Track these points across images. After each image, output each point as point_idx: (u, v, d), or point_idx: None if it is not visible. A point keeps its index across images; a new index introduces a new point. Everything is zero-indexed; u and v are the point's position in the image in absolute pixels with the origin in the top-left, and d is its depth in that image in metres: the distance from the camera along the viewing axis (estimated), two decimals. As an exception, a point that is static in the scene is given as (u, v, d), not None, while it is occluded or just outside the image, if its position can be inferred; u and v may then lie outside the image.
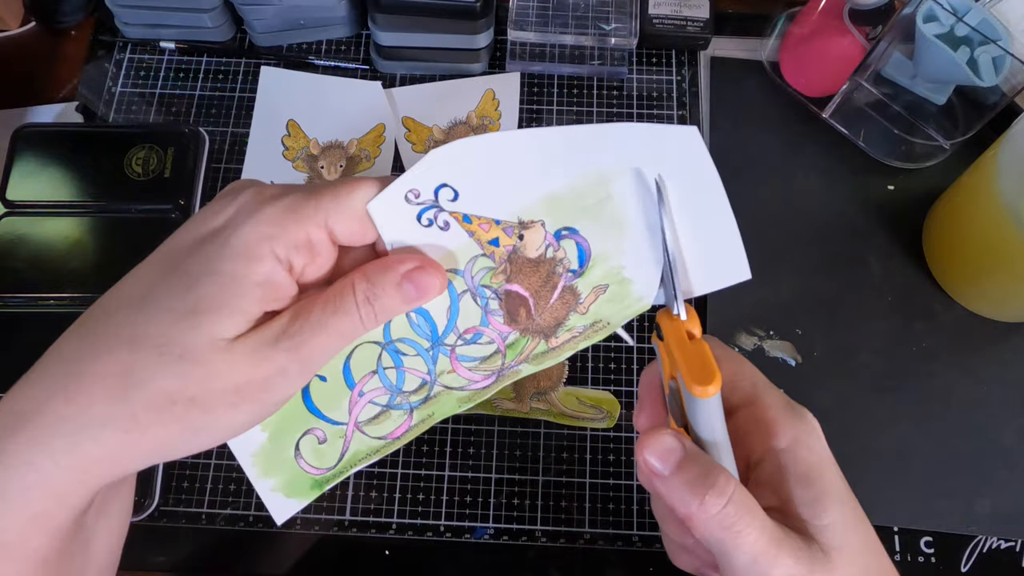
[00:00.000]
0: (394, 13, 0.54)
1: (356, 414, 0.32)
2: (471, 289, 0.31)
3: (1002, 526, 0.45)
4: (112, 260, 0.48)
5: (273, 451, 0.31)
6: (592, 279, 0.31)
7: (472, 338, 0.31)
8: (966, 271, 0.49)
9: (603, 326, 0.32)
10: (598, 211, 0.31)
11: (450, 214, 0.30)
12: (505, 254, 0.31)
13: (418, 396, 0.32)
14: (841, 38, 0.51)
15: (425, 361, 0.31)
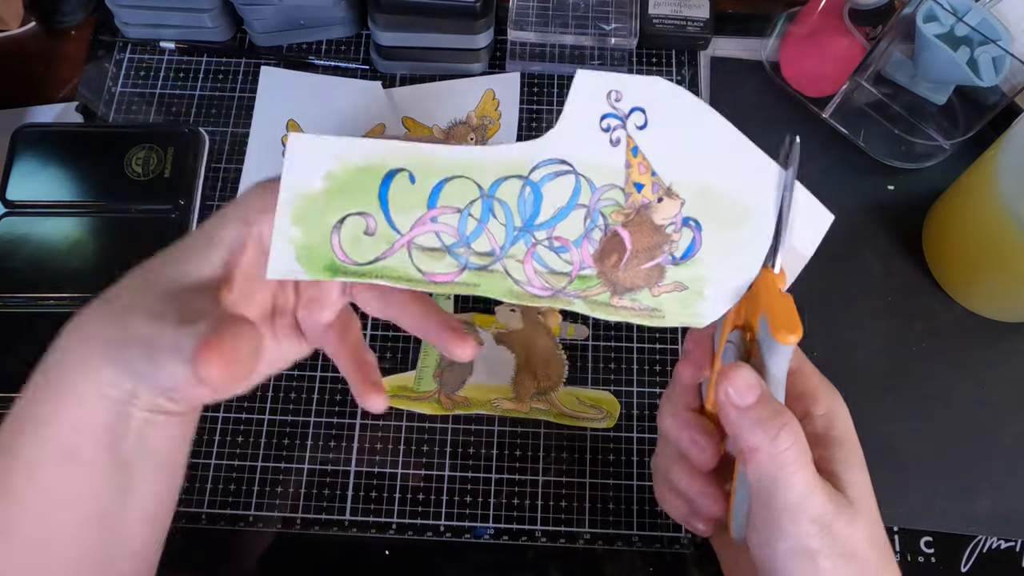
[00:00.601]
0: (394, 13, 0.54)
1: (416, 232, 0.30)
2: (590, 207, 0.31)
3: (1002, 526, 0.45)
4: (112, 260, 0.48)
5: (319, 206, 0.30)
6: (681, 274, 0.32)
7: (558, 248, 0.31)
8: (966, 271, 0.49)
9: (660, 316, 0.32)
10: (728, 225, 0.32)
11: (628, 136, 0.31)
12: (638, 203, 0.32)
13: (479, 260, 0.31)
14: (841, 38, 0.51)
15: (507, 235, 0.31)
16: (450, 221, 0.31)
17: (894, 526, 0.45)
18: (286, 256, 0.29)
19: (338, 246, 0.30)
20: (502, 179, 0.31)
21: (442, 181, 0.30)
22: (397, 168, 0.30)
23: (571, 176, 0.31)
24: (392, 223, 0.30)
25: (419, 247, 0.30)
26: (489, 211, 0.31)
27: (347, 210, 0.30)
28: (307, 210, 0.30)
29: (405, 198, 0.30)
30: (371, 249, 0.30)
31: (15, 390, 0.46)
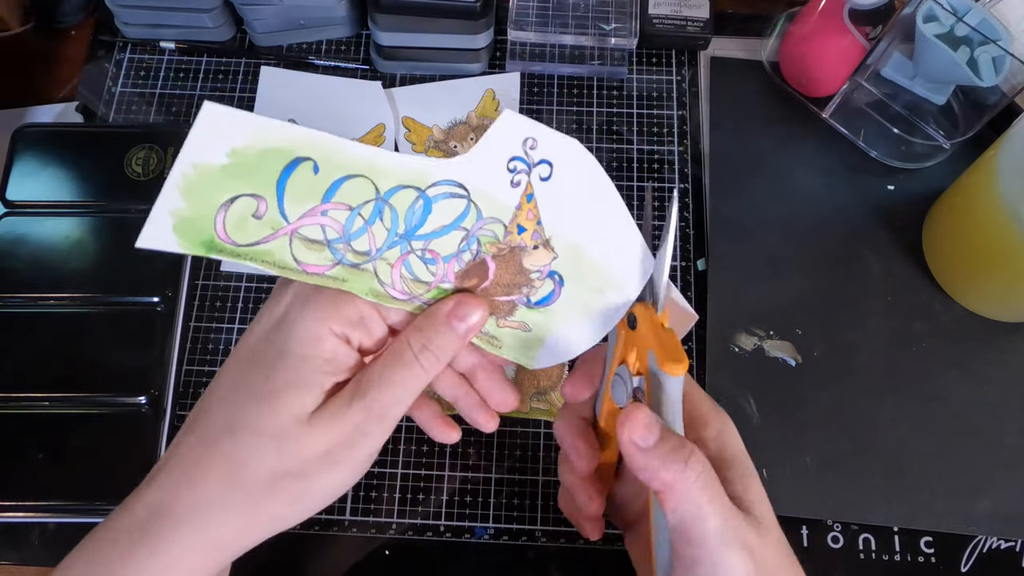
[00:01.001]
0: (394, 13, 0.54)
1: (303, 223, 0.30)
2: (470, 231, 0.33)
3: (1002, 526, 0.45)
4: (112, 260, 0.48)
5: (214, 181, 0.29)
6: (530, 317, 0.35)
7: (428, 259, 0.33)
8: (966, 271, 0.49)
9: (497, 345, 0.35)
10: (588, 290, 0.34)
11: (529, 183, 0.33)
12: (515, 243, 0.33)
13: (354, 258, 0.31)
14: (841, 38, 0.51)
15: (387, 239, 0.32)
16: (339, 217, 0.31)
17: (894, 526, 0.46)
18: (162, 226, 0.29)
19: (221, 224, 0.29)
20: (400, 187, 0.31)
21: (344, 177, 0.30)
22: (305, 157, 0.30)
23: (464, 201, 0.32)
24: (283, 210, 0.30)
25: (302, 237, 0.31)
26: (378, 214, 0.31)
27: (242, 190, 0.29)
28: (201, 183, 0.29)
29: (303, 187, 0.30)
30: (254, 232, 0.30)
31: (15, 390, 0.46)
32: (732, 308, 0.50)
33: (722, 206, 0.53)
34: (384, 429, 0.31)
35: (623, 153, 0.55)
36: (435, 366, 0.32)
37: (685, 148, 0.55)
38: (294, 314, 0.31)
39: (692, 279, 0.51)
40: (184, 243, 0.29)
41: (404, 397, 0.31)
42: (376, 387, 0.31)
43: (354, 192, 0.31)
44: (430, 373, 0.32)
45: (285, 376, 0.30)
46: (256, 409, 0.30)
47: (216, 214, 0.29)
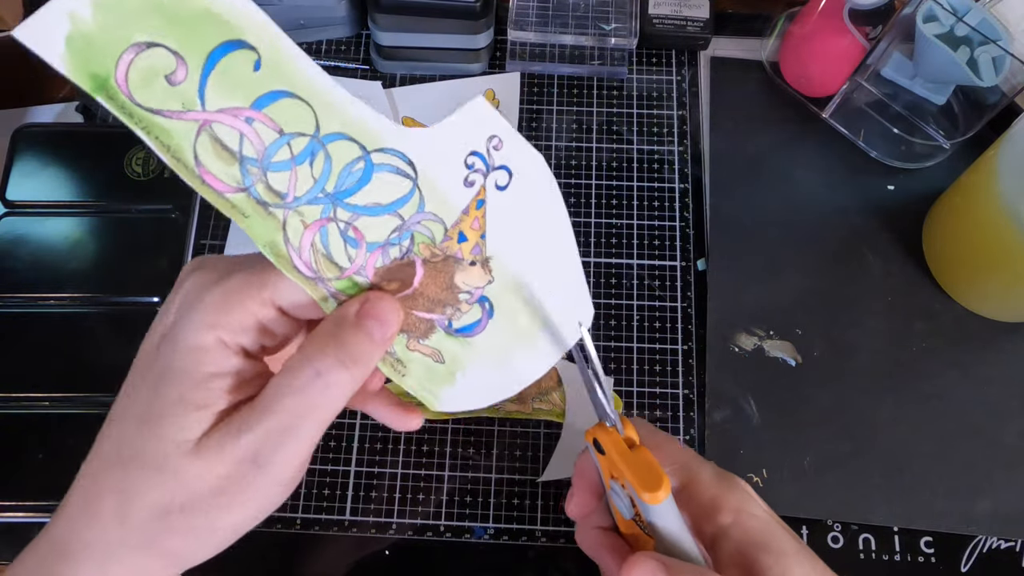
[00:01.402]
0: (394, 13, 0.54)
1: (222, 119, 0.25)
2: (406, 222, 0.28)
3: (1002, 526, 0.45)
4: (112, 260, 0.48)
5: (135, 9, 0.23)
6: (446, 345, 0.30)
7: (350, 238, 0.28)
8: (966, 271, 0.49)
9: (402, 371, 0.30)
10: (516, 332, 0.31)
11: (483, 187, 0.29)
12: (451, 252, 0.29)
13: (265, 194, 0.26)
14: (841, 38, 0.51)
15: (310, 191, 0.27)
16: (264, 135, 0.26)
17: (894, 526, 0.46)
18: (53, 27, 0.23)
19: (125, 68, 0.24)
20: (344, 136, 0.27)
21: (285, 92, 0.25)
22: (251, 44, 0.25)
23: (409, 183, 0.28)
24: (202, 90, 0.25)
25: (213, 136, 0.25)
26: (310, 155, 0.26)
27: (164, 40, 0.24)
28: (120, 3, 0.23)
29: (235, 78, 0.25)
30: (160, 98, 0.24)
31: (15, 390, 0.46)
32: (732, 308, 0.50)
33: (722, 206, 0.53)
34: (288, 461, 0.26)
35: (623, 153, 0.55)
36: (345, 382, 0.26)
37: (685, 148, 0.55)
38: (181, 321, 0.27)
39: (692, 279, 0.51)
40: (72, 63, 0.23)
41: (306, 426, 0.26)
42: (268, 415, 0.26)
43: (290, 115, 0.26)
44: (341, 391, 0.26)
45: (169, 397, 0.26)
46: (142, 435, 0.26)
47: (124, 51, 0.23)
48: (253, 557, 0.45)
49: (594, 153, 0.55)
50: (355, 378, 0.26)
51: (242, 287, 0.27)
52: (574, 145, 0.55)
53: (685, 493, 0.31)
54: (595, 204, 0.53)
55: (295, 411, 0.26)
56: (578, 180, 0.54)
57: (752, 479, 0.46)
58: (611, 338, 0.50)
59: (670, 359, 0.49)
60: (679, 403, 0.48)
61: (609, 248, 0.52)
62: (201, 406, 0.26)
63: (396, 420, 0.32)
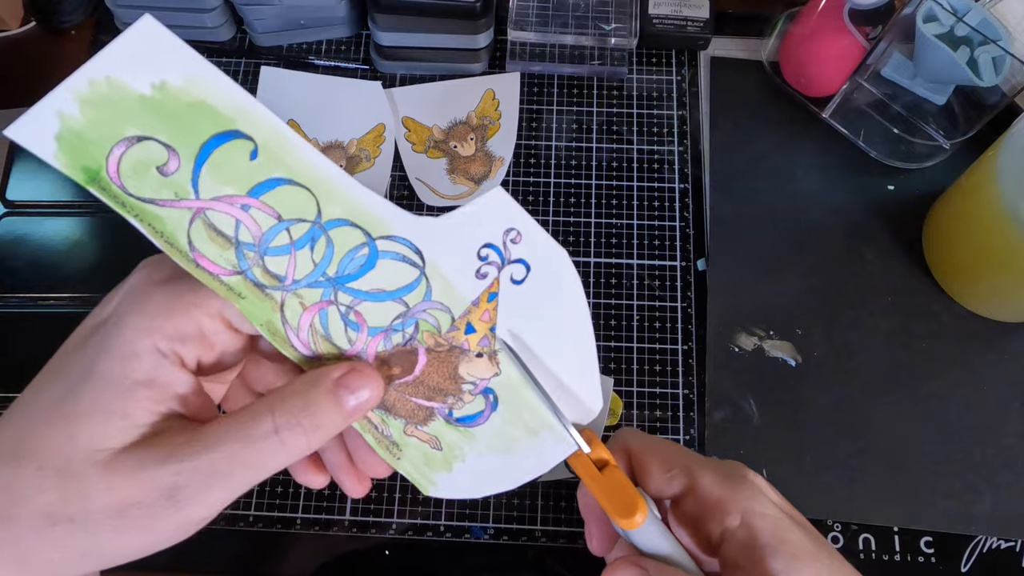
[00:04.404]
0: (394, 13, 0.54)
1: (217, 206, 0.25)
2: (411, 310, 0.28)
3: (1002, 526, 0.45)
4: (112, 260, 0.48)
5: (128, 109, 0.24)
6: (445, 433, 0.29)
7: (351, 321, 0.27)
8: (966, 271, 0.49)
9: (397, 454, 0.29)
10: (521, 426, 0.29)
11: (496, 280, 0.28)
12: (456, 343, 0.28)
13: (263, 277, 0.26)
14: (841, 38, 0.51)
15: (311, 275, 0.26)
16: (262, 222, 0.25)
17: (894, 526, 0.45)
18: (43, 126, 0.23)
19: (116, 160, 0.24)
20: (346, 222, 0.26)
21: (285, 180, 0.25)
22: (246, 134, 0.24)
23: (415, 272, 0.27)
24: (196, 180, 0.24)
25: (207, 222, 0.25)
26: (310, 241, 0.26)
27: (155, 135, 0.24)
28: (109, 102, 0.23)
29: (231, 168, 0.25)
30: (152, 188, 0.24)
31: (15, 390, 0.46)
32: (732, 308, 0.50)
33: (722, 206, 0.53)
34: (208, 506, 0.24)
35: (623, 153, 0.55)
36: (301, 447, 0.25)
37: (685, 148, 0.55)
38: (117, 318, 0.25)
39: (692, 279, 0.51)
40: (63, 159, 0.24)
41: (242, 477, 0.24)
42: (206, 453, 0.23)
43: (290, 202, 0.25)
44: (292, 454, 0.24)
45: (88, 399, 0.24)
46: (47, 434, 0.23)
47: (114, 145, 0.24)
48: (253, 557, 0.45)
49: (594, 153, 0.55)
50: (311, 444, 0.25)
51: (190, 292, 0.25)
52: (574, 145, 0.55)
53: (690, 497, 0.30)
54: (595, 204, 0.53)
55: (238, 458, 0.24)
56: (578, 180, 0.54)
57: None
58: (611, 338, 0.50)
59: (670, 359, 0.49)
60: (679, 403, 0.48)
61: (609, 248, 0.52)
62: (124, 415, 0.24)
63: (303, 474, 0.30)
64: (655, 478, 0.30)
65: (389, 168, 0.54)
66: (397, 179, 0.54)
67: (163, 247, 0.25)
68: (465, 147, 0.55)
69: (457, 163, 0.54)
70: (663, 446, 0.32)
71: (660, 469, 0.30)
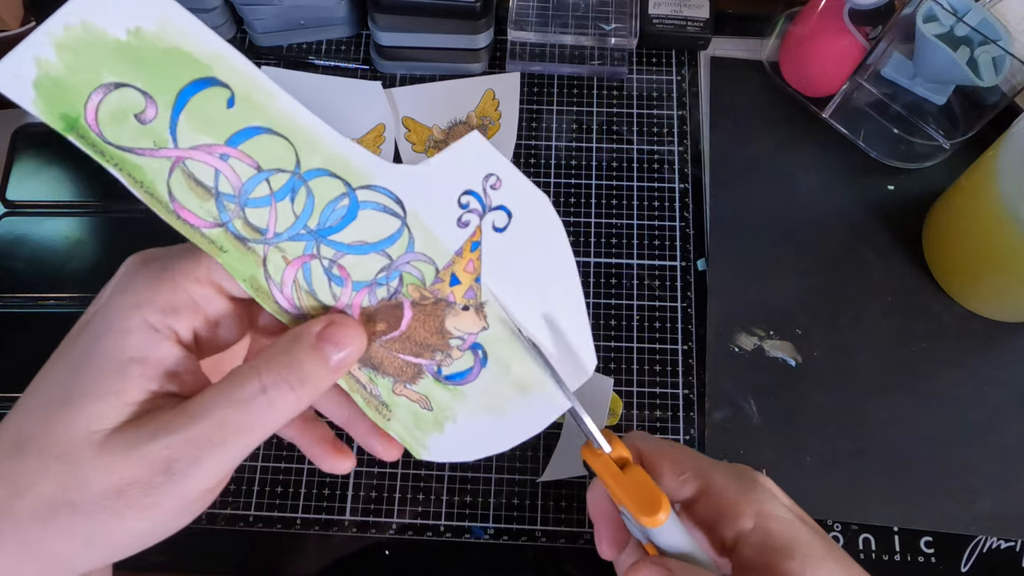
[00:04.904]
0: (394, 13, 0.54)
1: (195, 155, 0.25)
2: (394, 262, 0.27)
3: (1002, 526, 0.45)
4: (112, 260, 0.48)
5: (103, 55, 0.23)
6: (435, 392, 0.28)
7: (335, 275, 0.27)
8: (966, 271, 0.49)
9: (386, 415, 0.28)
10: (510, 383, 0.29)
11: (479, 228, 0.27)
12: (443, 295, 0.28)
13: (244, 229, 0.25)
14: (841, 38, 0.51)
15: (292, 227, 0.26)
16: (241, 172, 0.25)
17: (894, 526, 0.46)
18: (21, 73, 0.23)
19: (94, 108, 0.24)
20: (327, 172, 0.26)
21: (262, 129, 0.25)
22: (222, 81, 0.24)
23: (397, 222, 0.27)
24: (174, 128, 0.24)
25: (186, 172, 0.25)
26: (290, 192, 0.26)
27: (131, 80, 0.24)
28: (84, 47, 0.23)
29: (208, 116, 0.24)
30: (131, 136, 0.24)
31: (15, 390, 0.46)
32: (732, 308, 0.50)
33: (722, 206, 0.53)
34: (205, 476, 0.23)
35: (623, 153, 0.55)
36: (290, 404, 0.24)
37: (685, 148, 0.55)
38: (107, 301, 0.25)
39: (692, 279, 0.51)
40: (42, 105, 0.23)
41: (236, 442, 0.24)
42: (196, 422, 0.23)
43: (269, 152, 0.25)
44: (282, 412, 0.24)
45: (83, 381, 0.23)
46: (48, 421, 0.23)
47: (91, 92, 0.23)
48: (253, 557, 0.45)
49: (594, 153, 0.55)
50: (300, 401, 0.24)
51: (175, 263, 0.25)
52: (574, 145, 0.55)
53: (702, 500, 0.30)
54: (595, 204, 0.53)
55: (229, 424, 0.23)
56: (578, 180, 0.54)
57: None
58: (611, 338, 0.50)
59: (670, 359, 0.49)
60: (679, 403, 0.48)
61: (609, 248, 0.52)
62: (117, 394, 0.23)
63: (327, 460, 0.29)
64: (668, 481, 0.30)
65: (389, 168, 0.54)
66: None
67: (143, 198, 0.25)
68: (465, 147, 0.55)
69: (457, 163, 0.54)
70: (674, 449, 0.32)
71: (672, 472, 0.30)
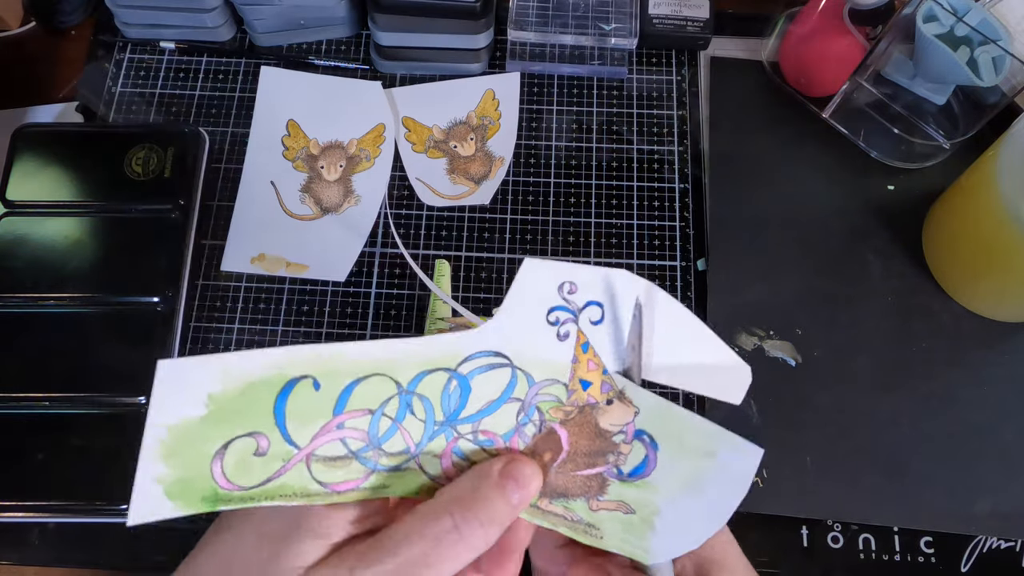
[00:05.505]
0: (394, 13, 0.54)
1: (318, 444, 0.26)
2: (526, 401, 0.28)
3: (1002, 526, 0.45)
4: (112, 260, 0.48)
5: (198, 435, 0.25)
6: (628, 494, 0.28)
7: (483, 440, 0.28)
8: (966, 271, 0.49)
9: (595, 535, 0.28)
10: (690, 454, 0.28)
11: (579, 331, 0.28)
12: (583, 401, 0.28)
13: (390, 460, 0.27)
14: (841, 38, 0.51)
15: (425, 431, 0.27)
16: (360, 425, 0.27)
17: (894, 526, 0.45)
18: (152, 496, 0.25)
19: (220, 473, 0.26)
20: (425, 372, 0.27)
21: (353, 383, 0.27)
22: (299, 376, 0.26)
23: (507, 369, 0.28)
24: (288, 438, 0.26)
25: (320, 458, 0.26)
26: (407, 407, 0.27)
27: (233, 434, 0.26)
28: (181, 442, 0.25)
29: (307, 408, 0.26)
30: (261, 471, 0.26)
31: (15, 390, 0.46)
32: (732, 308, 0.50)
33: (722, 206, 0.53)
34: None
35: (623, 153, 0.55)
36: (479, 541, 0.25)
37: (685, 148, 0.55)
38: None
39: (692, 279, 0.51)
40: (182, 505, 0.25)
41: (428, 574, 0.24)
42: (391, 557, 0.24)
43: (371, 393, 0.27)
44: (471, 549, 0.25)
45: (290, 518, 0.26)
46: (255, 552, 0.25)
47: (211, 465, 0.25)
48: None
49: (594, 153, 0.55)
50: (488, 539, 0.25)
51: None
52: (574, 145, 0.55)
53: None
54: (595, 204, 0.53)
55: (421, 559, 0.24)
56: (578, 180, 0.54)
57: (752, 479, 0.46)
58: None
59: (670, 359, 0.49)
60: (679, 403, 0.48)
61: (609, 248, 0.52)
62: (320, 535, 0.25)
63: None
64: None
65: (389, 168, 0.54)
66: (397, 179, 0.54)
67: (301, 502, 0.26)
68: (465, 147, 0.55)
69: (457, 163, 0.54)
70: None
71: None
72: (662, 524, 0.28)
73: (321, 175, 0.54)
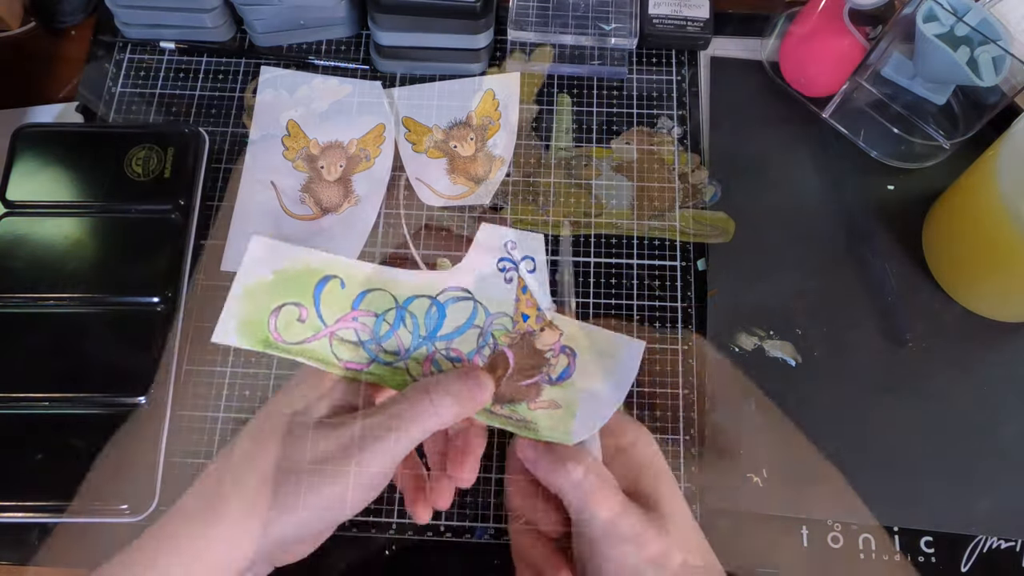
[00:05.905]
0: (394, 13, 0.54)
1: (339, 326, 0.38)
2: (484, 328, 0.40)
3: (1002, 526, 0.45)
4: (112, 260, 0.48)
5: (265, 292, 0.38)
6: (555, 394, 0.39)
7: (454, 357, 0.39)
8: (966, 271, 0.49)
9: (533, 428, 0.38)
10: (599, 355, 0.40)
11: (519, 277, 0.41)
12: (523, 330, 0.40)
13: (386, 357, 0.38)
14: (841, 38, 0.51)
15: (413, 341, 0.39)
16: (368, 322, 0.39)
17: (894, 526, 0.46)
18: (229, 327, 0.37)
19: (274, 327, 0.38)
20: (414, 296, 0.40)
21: (366, 291, 0.39)
22: (332, 275, 0.39)
23: (470, 302, 0.40)
24: (320, 316, 0.38)
25: (339, 338, 0.38)
26: (401, 320, 0.39)
27: (286, 299, 0.38)
28: (255, 294, 0.38)
29: (334, 299, 0.39)
30: (300, 333, 0.38)
31: (15, 390, 0.46)
32: (732, 308, 0.50)
33: (722, 206, 0.53)
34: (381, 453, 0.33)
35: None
36: (449, 409, 0.34)
37: (685, 148, 0.55)
38: None
39: (692, 279, 0.51)
40: (244, 340, 0.37)
41: (405, 431, 0.33)
42: (374, 415, 0.34)
43: (376, 302, 0.39)
44: (442, 417, 0.34)
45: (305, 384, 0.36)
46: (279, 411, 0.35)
47: (269, 319, 0.38)
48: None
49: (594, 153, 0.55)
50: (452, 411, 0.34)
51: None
52: (574, 145, 0.55)
53: None
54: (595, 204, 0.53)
55: (398, 415, 0.34)
56: (578, 180, 0.54)
57: (752, 479, 0.46)
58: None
59: (670, 359, 0.49)
60: (679, 403, 0.48)
61: (609, 248, 0.52)
62: (325, 395, 0.36)
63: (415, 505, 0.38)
64: None
65: (389, 168, 0.54)
66: (397, 179, 0.54)
67: (321, 366, 0.37)
68: (465, 147, 0.55)
69: (457, 163, 0.54)
70: None
71: None
72: (581, 412, 0.38)
73: (321, 175, 0.54)
